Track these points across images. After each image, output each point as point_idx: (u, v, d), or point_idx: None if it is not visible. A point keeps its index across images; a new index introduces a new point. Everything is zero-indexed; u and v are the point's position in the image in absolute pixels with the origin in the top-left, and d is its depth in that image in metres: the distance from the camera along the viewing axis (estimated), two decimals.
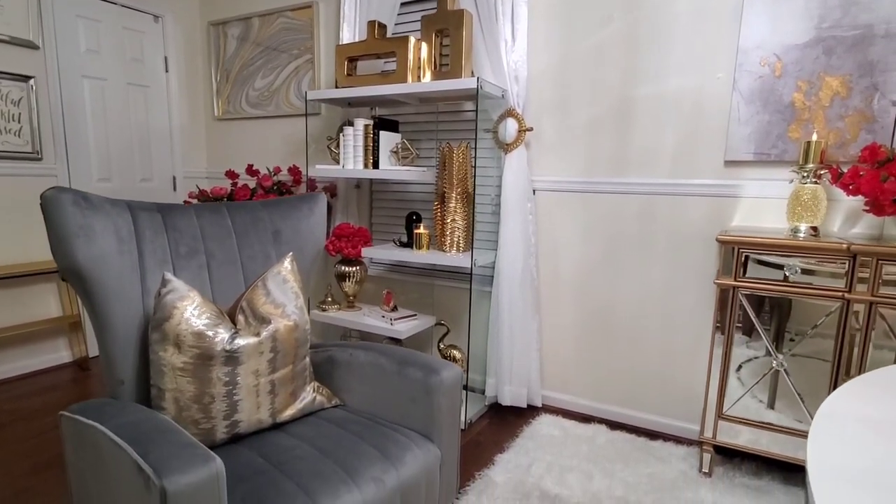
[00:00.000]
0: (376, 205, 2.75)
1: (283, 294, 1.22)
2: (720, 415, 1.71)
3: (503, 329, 2.16)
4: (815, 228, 1.61)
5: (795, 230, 1.63)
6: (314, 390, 1.32)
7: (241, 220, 1.38)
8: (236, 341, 1.11)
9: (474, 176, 2.11)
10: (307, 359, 1.28)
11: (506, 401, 2.20)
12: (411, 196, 2.58)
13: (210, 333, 1.09)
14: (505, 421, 2.16)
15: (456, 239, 2.11)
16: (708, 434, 1.73)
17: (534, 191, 2.22)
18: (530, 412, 2.24)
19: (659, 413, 2.09)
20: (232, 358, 1.10)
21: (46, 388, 2.42)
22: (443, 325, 2.21)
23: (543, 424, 2.11)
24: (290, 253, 1.23)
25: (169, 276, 1.11)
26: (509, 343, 2.17)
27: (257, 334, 1.15)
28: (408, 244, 2.30)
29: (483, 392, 2.38)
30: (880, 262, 1.43)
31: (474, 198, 2.10)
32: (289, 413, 1.24)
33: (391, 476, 1.08)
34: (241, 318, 1.19)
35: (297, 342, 1.22)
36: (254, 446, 1.13)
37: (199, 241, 1.28)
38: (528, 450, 1.90)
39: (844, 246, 1.45)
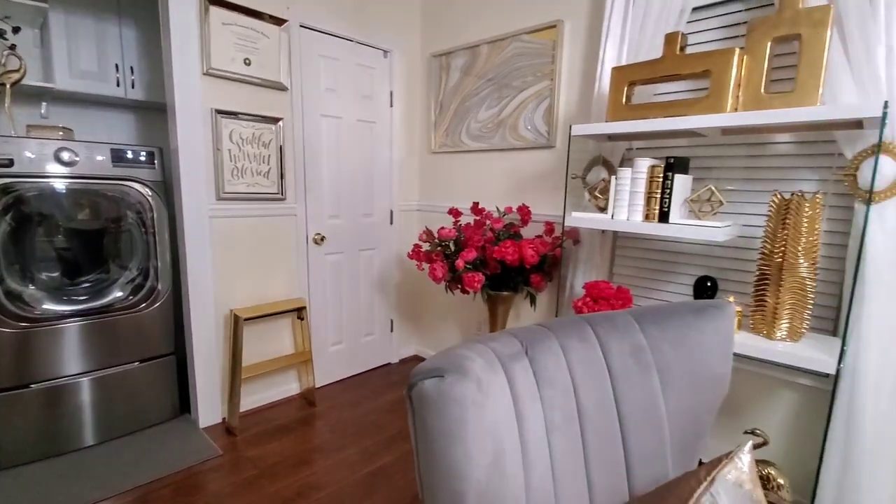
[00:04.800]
0: (620, 253, 2.29)
1: None
2: None
3: (862, 454, 1.51)
4: None
5: None
6: None
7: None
8: None
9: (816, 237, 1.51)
10: None
11: None
12: (687, 249, 2.05)
13: None
14: None
15: (796, 324, 1.53)
16: None
17: None
18: None
19: None
20: None
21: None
22: (757, 434, 1.63)
23: None
24: (750, 443, 0.78)
25: None
26: (870, 475, 1.51)
27: None
28: None
29: None
30: None
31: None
32: None
33: None
34: None
35: None
36: None
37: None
38: None
39: None
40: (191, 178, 2.23)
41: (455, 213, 2.60)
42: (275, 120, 2.50)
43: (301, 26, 2.53)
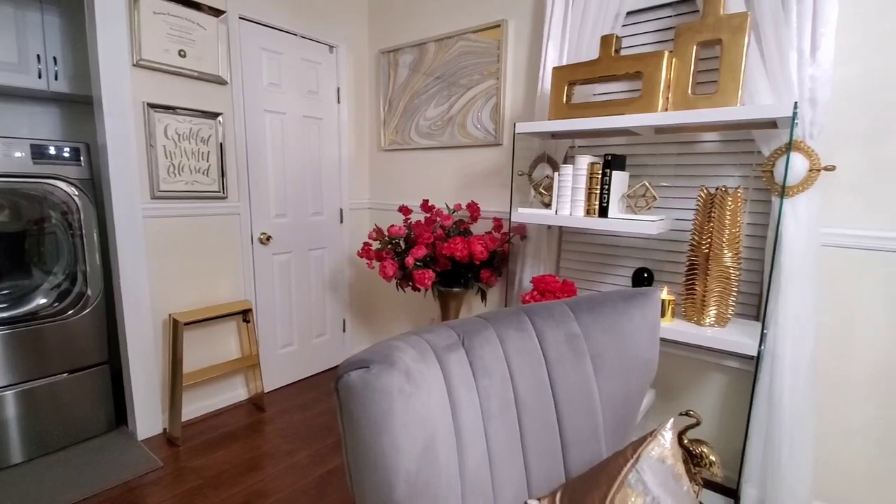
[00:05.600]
0: (566, 248, 2.36)
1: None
2: None
3: (782, 429, 1.64)
4: None
5: None
6: None
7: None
8: None
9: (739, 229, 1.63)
10: None
11: None
12: (626, 242, 2.15)
13: None
14: None
15: (723, 311, 1.63)
16: None
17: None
18: None
19: None
20: None
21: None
22: (691, 415, 1.73)
23: None
24: (672, 420, 0.83)
25: None
26: (789, 448, 1.64)
27: None
28: None
29: (737, 498, 1.86)
30: None
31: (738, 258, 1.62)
32: None
33: None
34: None
35: None
36: None
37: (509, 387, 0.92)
38: None
39: None
40: (121, 175, 2.10)
41: (405, 210, 2.59)
42: (214, 115, 2.40)
43: (241, 18, 2.44)
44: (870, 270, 1.61)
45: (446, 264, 2.36)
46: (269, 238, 2.68)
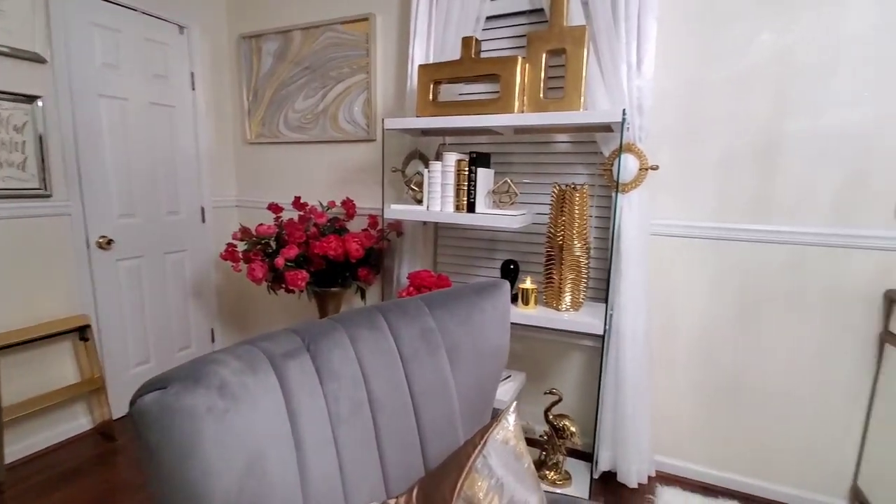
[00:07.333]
0: (442, 243, 2.42)
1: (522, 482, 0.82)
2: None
3: (626, 396, 1.86)
4: None
5: None
6: None
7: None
8: None
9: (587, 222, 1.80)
10: None
11: (632, 482, 1.89)
12: (497, 236, 2.26)
13: None
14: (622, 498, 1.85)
15: (576, 296, 1.80)
16: None
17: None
18: (647, 484, 1.94)
19: (796, 486, 1.82)
20: None
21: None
22: (553, 393, 1.88)
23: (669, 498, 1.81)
24: (514, 403, 0.87)
25: None
26: (632, 411, 1.87)
27: None
28: None
29: (594, 462, 2.07)
30: None
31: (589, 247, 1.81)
32: None
33: None
34: None
35: None
36: None
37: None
38: None
39: None
40: None
41: (275, 208, 2.44)
42: (30, 98, 2.02)
43: None
44: (686, 255, 1.90)
45: (321, 264, 2.28)
46: (109, 242, 2.34)
